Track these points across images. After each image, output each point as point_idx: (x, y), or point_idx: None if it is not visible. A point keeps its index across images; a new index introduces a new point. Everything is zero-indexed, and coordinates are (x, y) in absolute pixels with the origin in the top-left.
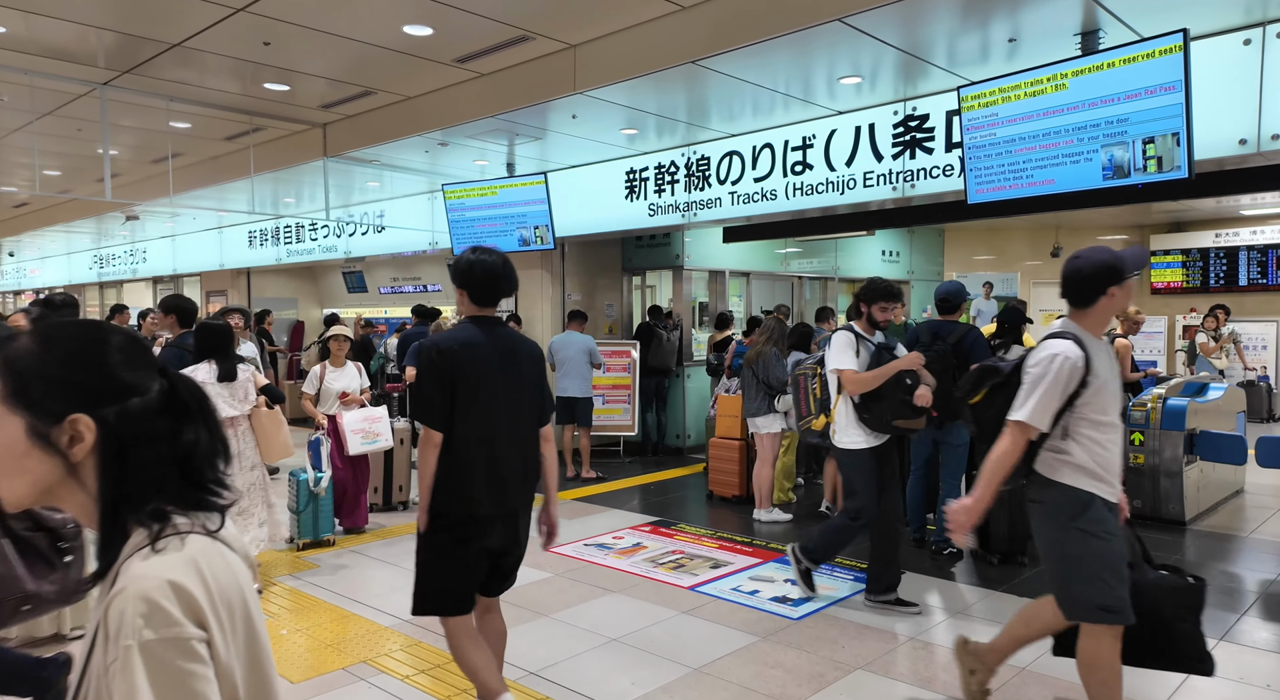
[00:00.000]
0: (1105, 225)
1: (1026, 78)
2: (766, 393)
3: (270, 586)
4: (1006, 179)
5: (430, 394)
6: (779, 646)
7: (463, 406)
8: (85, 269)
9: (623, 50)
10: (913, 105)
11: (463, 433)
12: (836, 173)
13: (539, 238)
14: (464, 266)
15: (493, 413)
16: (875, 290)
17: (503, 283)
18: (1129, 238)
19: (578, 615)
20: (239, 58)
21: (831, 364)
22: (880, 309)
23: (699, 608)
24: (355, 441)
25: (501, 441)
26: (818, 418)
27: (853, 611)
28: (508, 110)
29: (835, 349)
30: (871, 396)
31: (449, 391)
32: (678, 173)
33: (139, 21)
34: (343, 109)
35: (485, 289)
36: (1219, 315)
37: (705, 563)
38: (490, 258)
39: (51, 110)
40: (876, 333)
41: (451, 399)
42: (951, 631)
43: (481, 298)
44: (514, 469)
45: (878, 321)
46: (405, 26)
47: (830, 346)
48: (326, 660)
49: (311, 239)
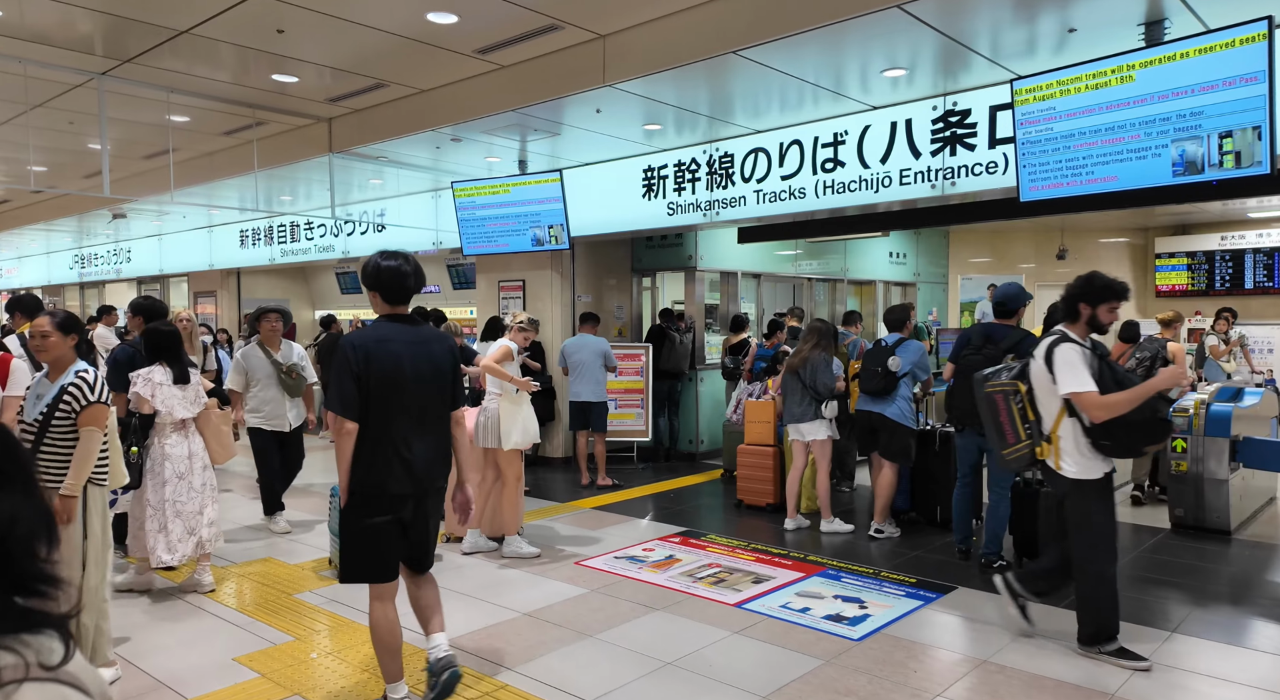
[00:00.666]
0: (1110, 227)
1: (1089, 69)
2: (814, 399)
3: (291, 606)
4: (1064, 175)
5: (345, 387)
6: (846, 671)
7: (377, 396)
8: (65, 269)
9: (656, 41)
10: (953, 100)
11: (377, 420)
12: (871, 170)
13: (553, 237)
14: (373, 270)
15: (404, 402)
16: (1102, 288)
17: (411, 283)
18: (1133, 240)
19: (623, 636)
20: (249, 46)
21: (1068, 386)
22: (1109, 310)
23: (750, 627)
24: None
25: (413, 427)
26: (1038, 445)
27: (914, 630)
28: (529, 104)
29: (1066, 367)
30: (1118, 421)
31: (364, 384)
32: (699, 170)
33: (147, 6)
34: (350, 103)
35: (395, 290)
36: (1227, 318)
37: (746, 577)
38: (397, 261)
39: (43, 102)
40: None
41: (366, 390)
42: (1021, 650)
43: (392, 298)
44: (424, 452)
45: (1101, 326)
46: (430, 14)
47: (1056, 364)
48: (368, 689)
49: (307, 238)
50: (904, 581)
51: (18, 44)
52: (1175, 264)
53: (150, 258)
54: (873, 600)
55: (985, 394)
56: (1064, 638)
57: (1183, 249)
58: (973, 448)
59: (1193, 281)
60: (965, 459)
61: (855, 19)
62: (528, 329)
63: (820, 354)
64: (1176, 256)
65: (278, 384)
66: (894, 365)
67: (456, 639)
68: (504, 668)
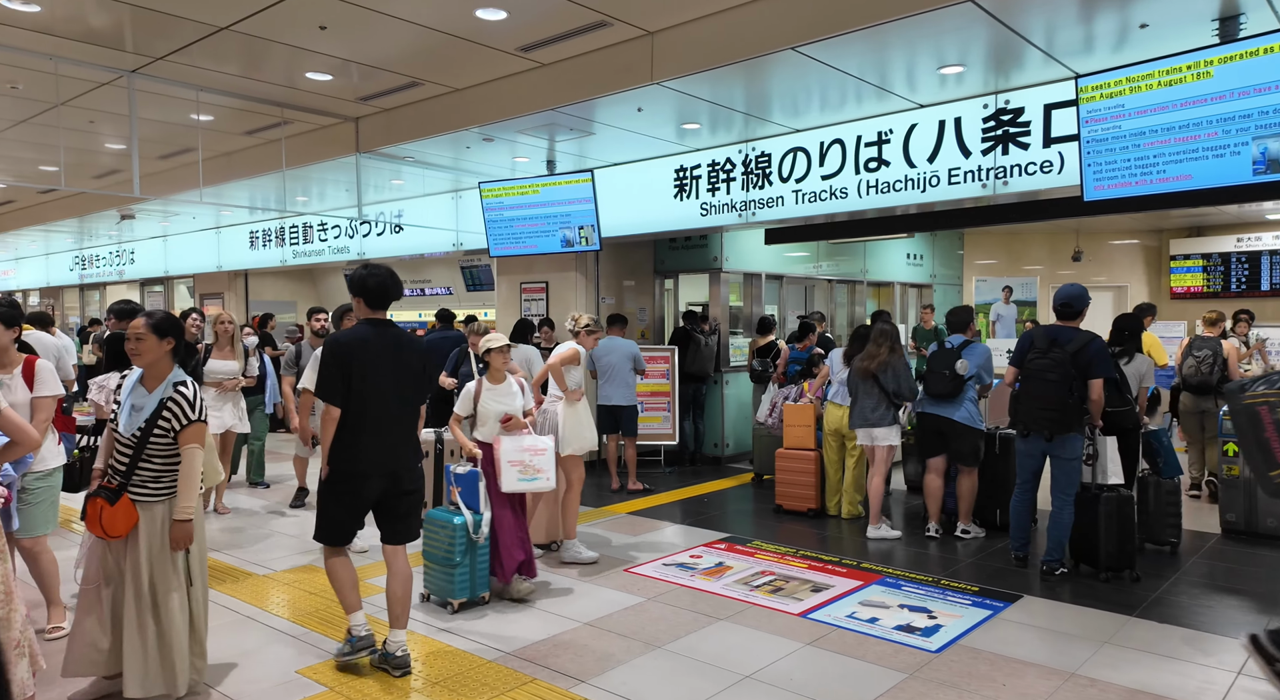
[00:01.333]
0: (1125, 229)
1: (1162, 66)
2: (891, 403)
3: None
4: (1132, 174)
5: (331, 377)
6: (934, 686)
7: (355, 388)
8: (65, 271)
9: (708, 37)
10: (1004, 98)
11: (355, 408)
12: (917, 169)
13: (584, 238)
14: (359, 280)
15: (379, 393)
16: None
17: (391, 292)
18: (1147, 242)
19: (693, 647)
20: (288, 43)
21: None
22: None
23: (822, 638)
24: (511, 477)
25: (385, 416)
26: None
27: (990, 641)
28: (569, 102)
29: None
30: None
31: (346, 376)
32: (734, 170)
33: (190, 2)
34: (380, 102)
35: (377, 297)
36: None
37: (803, 585)
38: (380, 273)
39: (66, 101)
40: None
41: (348, 381)
42: (1107, 662)
43: (374, 304)
44: (395, 437)
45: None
46: (478, 10)
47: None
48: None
49: (321, 240)
50: (966, 589)
51: (49, 40)
52: (1190, 266)
53: (154, 259)
54: (940, 610)
55: (1243, 407)
56: (1148, 647)
57: (1198, 251)
58: (1035, 453)
59: (1208, 283)
60: (1027, 465)
61: (927, 13)
62: (596, 331)
63: (897, 357)
64: (1192, 258)
65: None
66: (962, 369)
67: (521, 649)
68: (579, 681)
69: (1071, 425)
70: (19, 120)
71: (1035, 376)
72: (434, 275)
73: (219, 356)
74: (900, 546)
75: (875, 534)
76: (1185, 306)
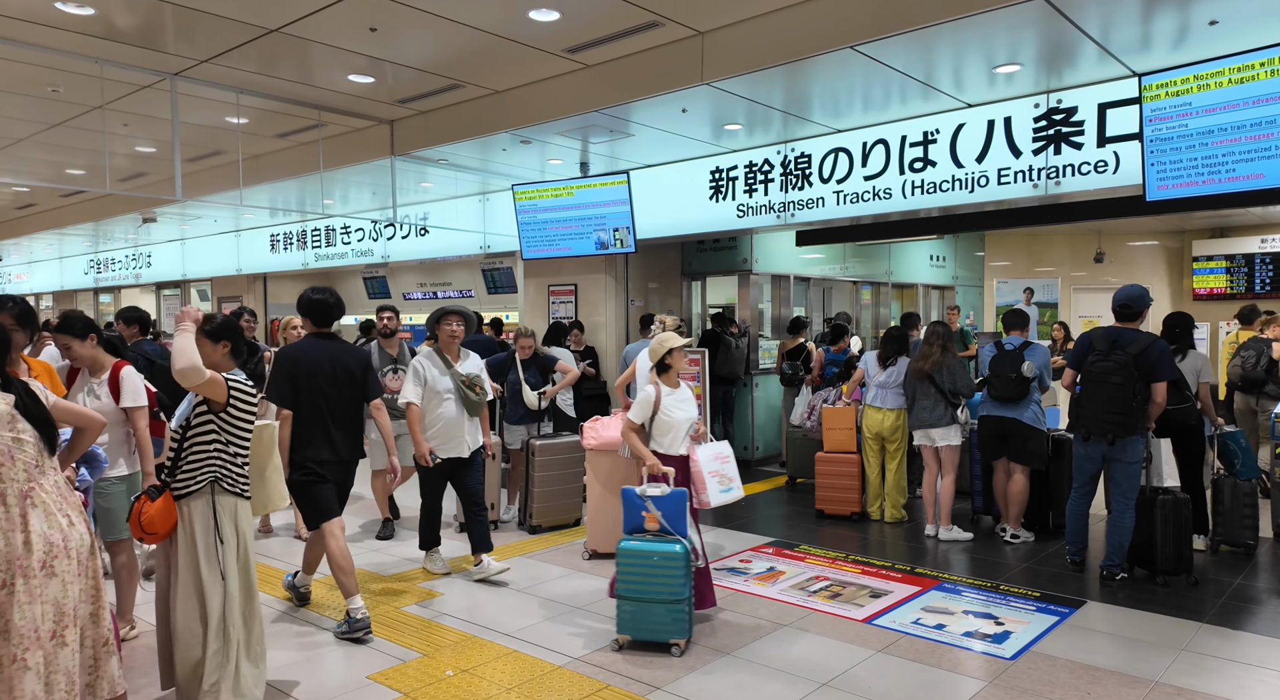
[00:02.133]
0: (1147, 231)
1: (1233, 63)
2: (950, 402)
3: (403, 619)
4: (1199, 174)
5: (282, 384)
6: (1017, 694)
7: (305, 391)
8: (80, 274)
9: (761, 36)
10: (1057, 97)
11: (308, 410)
12: (965, 170)
13: (619, 241)
14: (306, 302)
15: (326, 396)
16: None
17: (333, 312)
18: (1169, 243)
19: (762, 653)
20: (335, 45)
21: None
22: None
23: (892, 645)
24: (715, 489)
25: (333, 415)
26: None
27: (1064, 648)
28: (614, 104)
29: None
30: None
31: (296, 382)
32: (772, 171)
33: (243, 3)
34: (417, 104)
35: (320, 316)
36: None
37: (861, 591)
38: (322, 295)
39: (104, 104)
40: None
41: (298, 388)
42: (1187, 670)
43: (319, 321)
44: (342, 433)
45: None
46: (532, 11)
47: None
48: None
49: (344, 243)
50: (1028, 595)
51: (95, 43)
52: (1213, 267)
53: (172, 262)
54: (1005, 616)
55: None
56: (1228, 654)
57: (1221, 252)
58: (1095, 457)
59: (1231, 284)
60: (1085, 469)
61: (994, 11)
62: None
63: (951, 356)
64: (1215, 259)
65: (457, 400)
66: (1028, 370)
67: (589, 655)
68: (653, 687)
69: (1135, 428)
70: (52, 124)
71: (1098, 379)
72: (454, 278)
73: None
74: (951, 551)
75: (946, 536)
76: (1208, 308)
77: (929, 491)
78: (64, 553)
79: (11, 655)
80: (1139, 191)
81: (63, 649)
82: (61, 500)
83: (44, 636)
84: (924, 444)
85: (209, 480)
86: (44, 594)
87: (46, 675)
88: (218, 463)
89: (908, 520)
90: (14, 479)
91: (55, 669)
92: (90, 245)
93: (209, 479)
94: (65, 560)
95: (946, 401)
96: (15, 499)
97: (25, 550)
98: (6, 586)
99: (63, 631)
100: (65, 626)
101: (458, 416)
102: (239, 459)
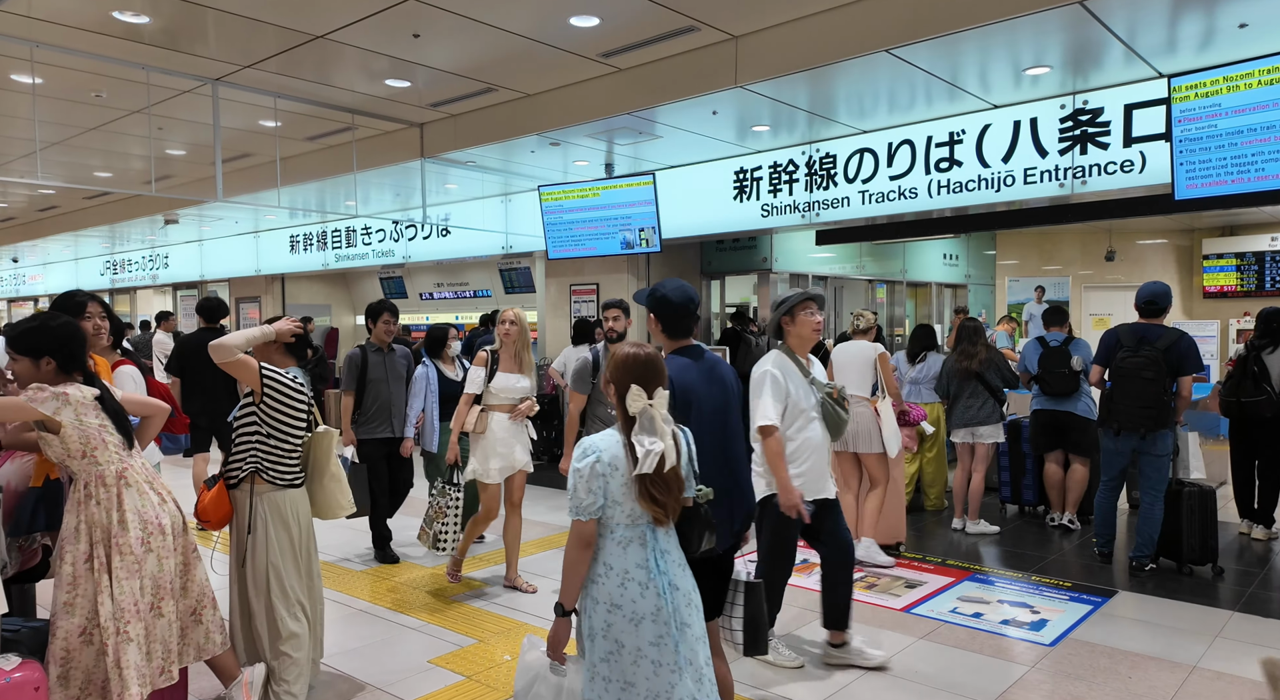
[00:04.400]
0: (1157, 229)
1: (1262, 65)
2: (998, 399)
3: (453, 607)
4: (1228, 173)
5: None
6: (1059, 677)
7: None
8: (96, 275)
9: (795, 40)
10: (1083, 98)
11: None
12: (991, 169)
13: (644, 241)
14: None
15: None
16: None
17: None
18: (1178, 242)
19: (806, 640)
20: (377, 51)
21: None
22: None
23: (933, 632)
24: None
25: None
26: None
27: (1101, 635)
28: (647, 107)
29: None
30: None
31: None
32: (796, 171)
33: (292, 10)
34: (449, 108)
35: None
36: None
37: (896, 582)
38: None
39: (145, 108)
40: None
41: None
42: (1224, 655)
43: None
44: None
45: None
46: (573, 18)
47: None
48: None
49: (364, 244)
50: (1059, 585)
51: (143, 50)
52: (1223, 265)
53: (190, 263)
54: (1040, 604)
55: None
56: (1262, 641)
57: (1231, 250)
58: (1125, 452)
59: (1241, 282)
60: (1115, 462)
61: (1031, 15)
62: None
63: (995, 351)
64: (1225, 257)
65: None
66: (1077, 364)
67: None
68: None
69: (1165, 422)
70: (88, 128)
71: (1130, 375)
72: (472, 278)
73: (507, 369)
74: (980, 543)
75: (975, 529)
76: (1218, 306)
77: (959, 487)
78: (158, 529)
79: (115, 627)
80: (1166, 190)
81: (160, 620)
82: (151, 480)
83: (143, 609)
84: (964, 442)
85: (250, 470)
86: (142, 569)
87: (147, 646)
88: (260, 453)
89: (947, 507)
90: (109, 461)
91: (154, 639)
92: (107, 246)
93: (250, 469)
94: (160, 537)
95: (996, 399)
96: (112, 479)
97: (121, 528)
98: (107, 562)
99: (160, 604)
100: (162, 599)
101: (822, 443)
102: (281, 450)
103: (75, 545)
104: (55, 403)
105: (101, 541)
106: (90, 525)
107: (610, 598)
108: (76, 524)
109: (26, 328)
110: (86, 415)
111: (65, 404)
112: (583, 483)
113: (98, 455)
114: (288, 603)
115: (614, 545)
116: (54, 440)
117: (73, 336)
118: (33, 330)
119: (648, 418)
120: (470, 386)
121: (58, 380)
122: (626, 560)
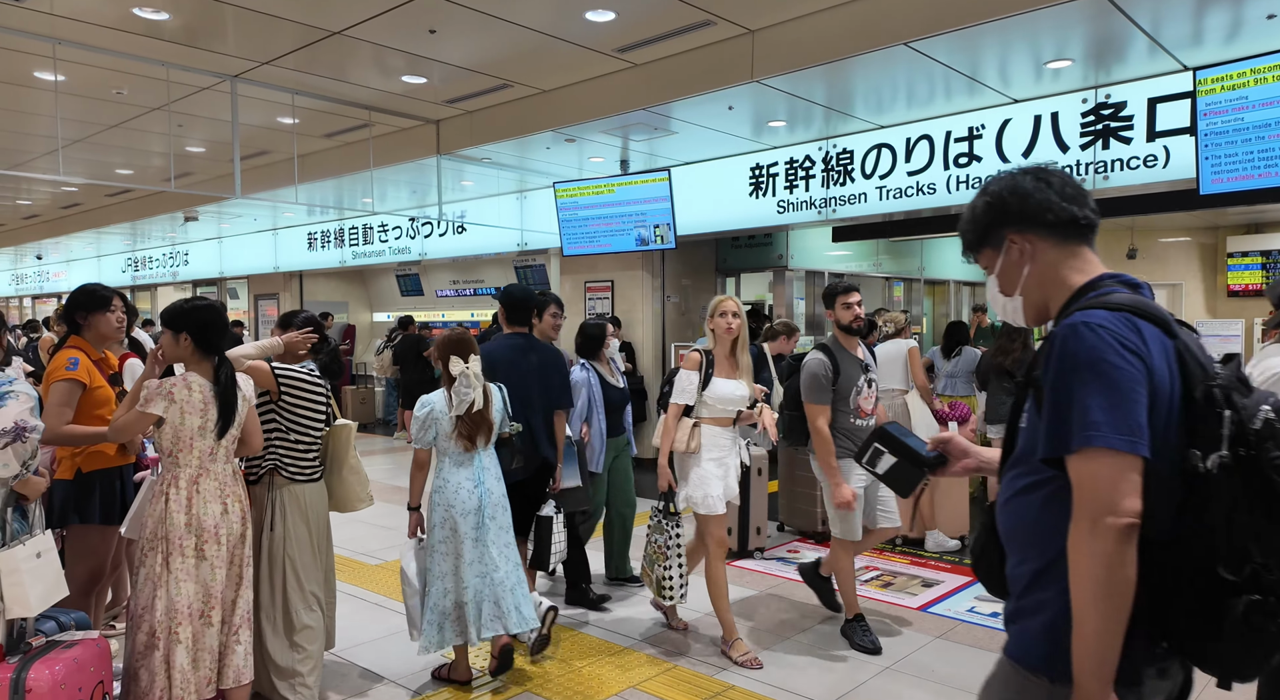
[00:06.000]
0: (1180, 227)
1: None
2: None
3: None
4: (1255, 167)
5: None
6: None
7: None
8: (118, 272)
9: (812, 34)
10: (1105, 92)
11: None
12: (1011, 164)
13: (659, 237)
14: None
15: None
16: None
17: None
18: (1202, 239)
19: (824, 638)
20: (394, 47)
21: None
22: None
23: (950, 632)
24: None
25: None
26: None
27: None
28: (662, 102)
29: None
30: None
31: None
32: (813, 167)
33: (308, 6)
34: (464, 104)
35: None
36: None
37: (911, 580)
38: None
39: (165, 104)
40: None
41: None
42: None
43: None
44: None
45: None
46: (588, 12)
47: None
48: (590, 688)
49: (381, 241)
50: None
51: (164, 46)
52: (1249, 263)
53: (209, 260)
54: None
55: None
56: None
57: (1256, 248)
58: None
59: (1267, 280)
60: None
61: (1055, 6)
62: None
63: (1031, 352)
64: (1250, 255)
65: None
66: None
67: (655, 635)
68: (719, 668)
69: None
70: (109, 125)
71: None
72: (487, 275)
73: (724, 373)
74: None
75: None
76: (1243, 305)
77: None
78: (214, 538)
79: (167, 627)
80: (1191, 185)
81: (209, 629)
82: (221, 489)
83: (194, 614)
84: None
85: (270, 467)
86: (196, 574)
87: (194, 652)
88: (279, 450)
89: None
90: (188, 464)
91: (201, 646)
92: (129, 243)
93: (270, 466)
94: (214, 546)
95: None
96: (186, 482)
97: (186, 531)
98: (166, 562)
99: (209, 612)
100: (212, 607)
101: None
102: (301, 445)
103: (155, 546)
104: (163, 402)
105: (164, 539)
106: (157, 522)
107: (447, 501)
108: (155, 525)
109: (173, 306)
110: (190, 416)
111: (171, 403)
112: (419, 424)
113: (180, 457)
114: (303, 595)
115: (450, 465)
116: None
117: (209, 321)
118: (178, 308)
119: (465, 376)
120: (680, 396)
121: (195, 357)
122: (459, 475)
